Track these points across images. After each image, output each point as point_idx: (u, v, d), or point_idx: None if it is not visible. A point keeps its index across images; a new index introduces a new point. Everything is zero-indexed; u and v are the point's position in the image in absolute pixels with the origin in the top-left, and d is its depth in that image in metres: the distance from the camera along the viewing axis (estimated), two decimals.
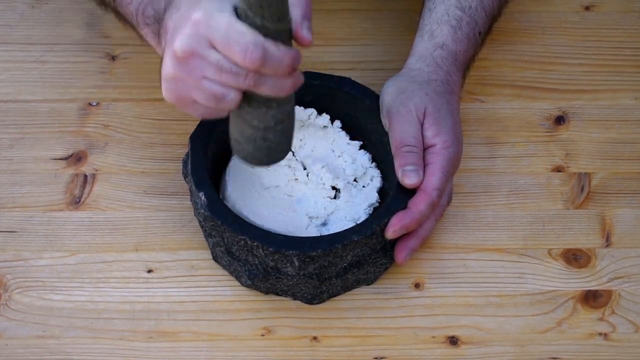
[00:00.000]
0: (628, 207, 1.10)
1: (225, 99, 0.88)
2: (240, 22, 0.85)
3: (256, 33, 0.84)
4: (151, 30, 0.97)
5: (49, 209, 1.08)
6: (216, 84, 0.88)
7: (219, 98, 0.88)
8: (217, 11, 0.85)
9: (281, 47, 0.85)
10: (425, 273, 1.05)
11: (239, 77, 0.87)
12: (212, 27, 0.85)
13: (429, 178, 1.00)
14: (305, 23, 0.87)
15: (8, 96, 1.16)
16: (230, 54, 0.85)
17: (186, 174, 1.02)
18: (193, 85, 0.89)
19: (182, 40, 0.87)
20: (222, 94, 0.88)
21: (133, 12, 0.98)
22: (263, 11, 0.84)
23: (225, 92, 0.88)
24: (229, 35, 0.85)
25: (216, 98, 0.89)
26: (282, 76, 0.87)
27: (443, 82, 1.05)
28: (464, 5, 1.08)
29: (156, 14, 0.96)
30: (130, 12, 0.99)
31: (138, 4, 0.98)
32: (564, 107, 1.16)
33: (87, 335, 1.01)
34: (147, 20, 0.97)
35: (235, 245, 0.99)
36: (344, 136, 1.08)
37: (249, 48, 0.84)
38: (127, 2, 0.99)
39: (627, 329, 1.02)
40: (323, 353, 1.01)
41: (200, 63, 0.87)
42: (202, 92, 0.89)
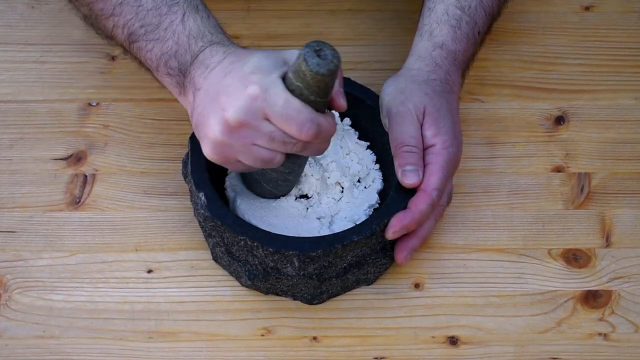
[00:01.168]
0: (628, 207, 1.10)
1: (272, 162, 0.94)
2: (296, 99, 0.90)
3: (310, 109, 0.90)
4: (174, 81, 0.99)
5: (49, 209, 1.08)
6: (265, 149, 0.93)
7: (267, 161, 0.94)
8: (272, 86, 0.90)
9: (329, 119, 0.92)
10: (425, 273, 1.05)
11: (288, 145, 0.92)
12: (270, 102, 0.90)
13: (429, 178, 1.00)
14: (341, 92, 0.94)
15: (8, 96, 1.16)
16: (287, 128, 0.91)
17: (186, 174, 1.02)
18: (241, 151, 0.93)
19: (237, 111, 0.91)
20: (270, 158, 0.94)
21: (154, 60, 0.99)
22: (319, 90, 0.90)
23: (273, 156, 0.94)
24: (286, 112, 0.90)
25: (264, 161, 0.94)
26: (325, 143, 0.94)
27: (442, 82, 1.05)
28: (463, 5, 1.08)
29: (181, 67, 0.97)
30: (150, 59, 1.00)
31: (161, 54, 0.98)
32: (564, 107, 1.16)
33: (87, 335, 1.01)
34: (169, 71, 0.98)
35: (235, 245, 0.99)
36: (352, 134, 1.08)
37: (306, 125, 0.90)
38: (147, 49, 0.99)
39: (627, 329, 1.02)
40: (323, 353, 1.01)
41: (253, 133, 0.92)
42: (251, 156, 0.94)
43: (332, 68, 0.88)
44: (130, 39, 1.00)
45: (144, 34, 0.99)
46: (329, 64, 0.88)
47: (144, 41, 0.99)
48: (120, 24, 1.00)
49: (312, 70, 0.88)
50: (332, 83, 0.91)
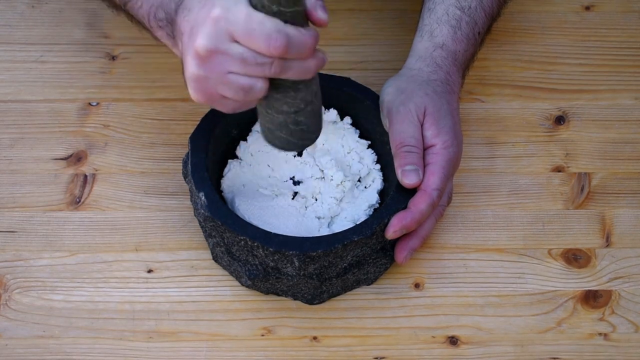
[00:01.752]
0: (628, 207, 1.10)
1: (254, 89, 0.89)
2: (258, 12, 0.85)
3: (275, 20, 0.85)
4: (165, 33, 0.97)
5: (49, 209, 1.08)
6: (242, 76, 0.88)
7: (247, 90, 0.89)
8: (233, 5, 0.86)
9: (301, 29, 0.86)
10: (425, 273, 1.05)
11: (265, 66, 0.87)
12: (231, 20, 0.86)
13: (429, 178, 1.00)
14: (319, 3, 0.87)
15: (8, 96, 1.16)
16: (253, 45, 0.85)
17: (186, 174, 1.02)
18: (219, 82, 0.89)
19: (203, 38, 0.87)
20: (249, 86, 0.88)
21: (145, 16, 0.98)
22: (282, 0, 0.84)
23: (252, 83, 0.88)
24: (249, 27, 0.85)
25: (244, 90, 0.89)
26: (306, 58, 0.88)
27: (443, 82, 1.05)
28: (463, 5, 1.08)
29: (168, 16, 0.96)
30: (142, 15, 0.99)
31: (149, 7, 0.97)
32: (564, 107, 1.16)
33: (87, 335, 1.01)
34: (159, 23, 0.97)
35: (235, 245, 0.99)
36: (353, 132, 1.08)
37: (272, 36, 0.85)
38: (138, 5, 0.99)
39: (627, 329, 1.02)
40: (323, 353, 1.01)
41: (224, 59, 0.87)
42: (230, 86, 0.89)
43: None
44: (122, 0, 0.99)
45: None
46: None
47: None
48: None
49: None
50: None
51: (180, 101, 1.15)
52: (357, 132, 1.08)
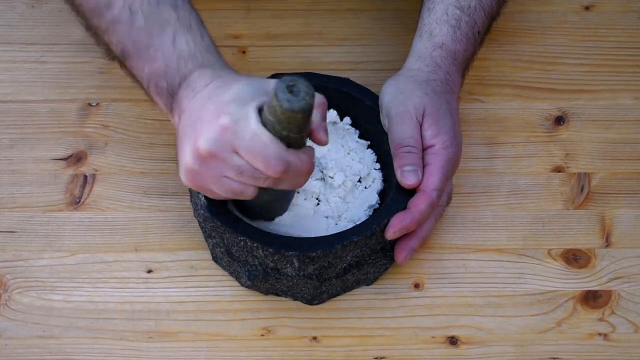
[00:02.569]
0: (628, 207, 1.10)
1: (244, 194, 0.93)
2: (266, 132, 0.88)
3: (279, 145, 0.88)
4: (163, 102, 0.98)
5: (49, 209, 1.08)
6: (236, 182, 0.91)
7: (237, 193, 0.93)
8: (243, 118, 0.88)
9: (302, 156, 0.90)
10: (425, 273, 1.05)
11: (259, 180, 0.91)
12: (238, 135, 0.88)
13: (429, 178, 1.00)
14: (322, 126, 0.92)
15: (8, 96, 1.16)
16: (253, 163, 0.89)
17: None
18: (212, 181, 0.93)
19: (207, 142, 0.89)
20: (240, 191, 0.92)
21: (145, 79, 0.98)
22: (291, 127, 0.88)
23: (243, 189, 0.92)
24: (253, 146, 0.88)
25: (234, 193, 0.93)
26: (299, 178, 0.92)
27: (442, 82, 1.05)
28: (463, 5, 1.08)
29: (169, 88, 0.96)
30: (141, 77, 0.99)
31: (150, 73, 0.97)
32: (564, 107, 1.16)
33: (87, 335, 1.01)
34: (159, 91, 0.97)
35: (235, 246, 0.99)
36: (353, 133, 1.08)
37: (271, 162, 0.88)
38: (139, 67, 0.98)
39: (627, 329, 1.02)
40: (323, 353, 1.01)
41: (222, 164, 0.90)
42: (221, 187, 0.93)
43: (304, 106, 0.86)
44: (123, 56, 0.99)
45: (136, 52, 0.98)
46: (300, 101, 0.86)
47: (136, 59, 0.98)
48: (113, 41, 0.99)
49: (282, 107, 0.86)
50: (305, 120, 0.88)
51: None
52: (357, 132, 1.08)
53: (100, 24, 0.99)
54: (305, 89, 0.86)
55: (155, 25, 0.96)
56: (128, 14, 0.97)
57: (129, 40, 0.97)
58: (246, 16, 1.23)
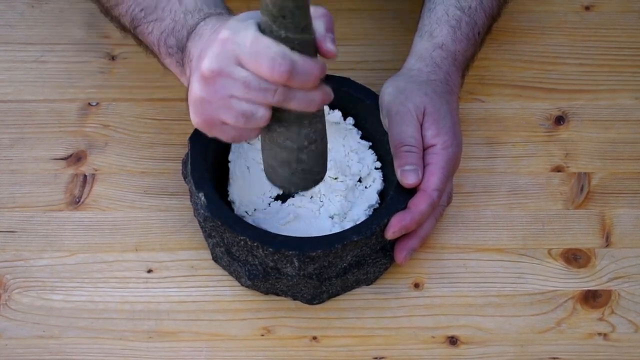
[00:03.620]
0: (628, 207, 1.10)
1: (254, 116, 0.87)
2: (266, 36, 0.84)
3: (282, 45, 0.83)
4: (174, 60, 0.97)
5: (49, 209, 1.08)
6: (244, 102, 0.87)
7: (248, 116, 0.87)
8: (242, 28, 0.85)
9: (307, 58, 0.84)
10: (425, 273, 1.05)
11: (268, 92, 0.85)
12: (238, 43, 0.84)
13: (429, 178, 1.00)
14: (328, 35, 0.86)
15: (8, 96, 1.16)
16: (258, 69, 0.84)
17: (186, 174, 1.03)
18: (221, 106, 0.88)
19: (209, 60, 0.86)
20: (251, 112, 0.87)
21: (154, 42, 0.98)
22: (286, 22, 0.83)
23: (254, 110, 0.87)
24: (255, 50, 0.84)
25: (245, 116, 0.87)
26: (310, 89, 0.86)
27: (442, 82, 1.05)
28: (463, 6, 1.08)
29: (179, 43, 0.96)
30: (151, 41, 0.98)
31: (159, 34, 0.97)
32: (564, 107, 1.16)
33: (87, 335, 1.01)
34: (169, 50, 0.97)
35: (235, 245, 0.99)
36: (355, 133, 1.08)
37: (277, 61, 0.83)
38: (148, 31, 0.98)
39: (627, 329, 1.02)
40: (323, 353, 1.01)
41: (228, 82, 0.86)
42: (231, 111, 0.87)
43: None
44: (133, 24, 0.99)
45: (144, 16, 0.98)
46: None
47: (144, 23, 0.98)
48: (123, 11, 0.99)
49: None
50: (301, 12, 0.82)
51: (180, 101, 1.15)
52: (359, 133, 1.08)
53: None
54: None
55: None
56: None
57: (136, 6, 0.98)
58: None
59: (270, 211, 1.04)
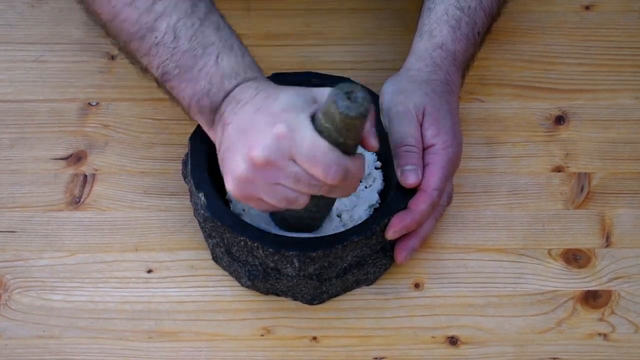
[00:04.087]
0: (628, 207, 1.10)
1: (297, 202, 0.92)
2: (323, 139, 0.88)
3: (337, 152, 0.88)
4: (205, 118, 0.98)
5: (49, 209, 1.08)
6: (290, 189, 0.91)
7: (291, 201, 0.92)
8: (300, 126, 0.89)
9: (356, 162, 0.90)
10: (425, 273, 1.05)
11: (314, 188, 0.91)
12: (296, 142, 0.89)
13: (429, 178, 1.00)
14: (372, 131, 0.92)
15: (8, 96, 1.16)
16: (312, 170, 0.89)
17: (186, 174, 1.03)
18: (265, 189, 0.92)
19: (264, 150, 0.89)
20: (295, 199, 0.92)
21: (186, 99, 0.98)
22: (349, 134, 0.88)
23: (297, 197, 0.92)
24: (313, 154, 0.88)
25: (288, 201, 0.92)
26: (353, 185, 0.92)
27: (442, 82, 1.05)
28: (463, 6, 1.08)
29: (212, 105, 0.96)
30: (182, 97, 0.98)
31: (193, 93, 0.97)
32: (564, 107, 1.16)
33: (87, 335, 1.01)
34: (201, 109, 0.97)
35: (235, 246, 0.99)
36: None
37: (332, 168, 0.88)
38: (181, 88, 0.98)
39: (627, 329, 1.02)
40: (323, 353, 1.01)
41: (278, 172, 0.90)
42: (274, 195, 0.92)
43: (363, 112, 0.86)
44: (163, 77, 0.98)
45: (178, 74, 0.97)
46: (359, 107, 0.86)
47: (178, 81, 0.97)
48: (154, 63, 0.98)
49: (342, 113, 0.86)
50: (362, 126, 0.88)
51: None
52: None
53: (141, 47, 0.98)
54: (363, 95, 0.86)
55: (199, 48, 0.96)
56: (172, 37, 0.97)
57: (171, 62, 0.97)
58: (246, 16, 1.23)
59: None
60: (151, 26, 0.97)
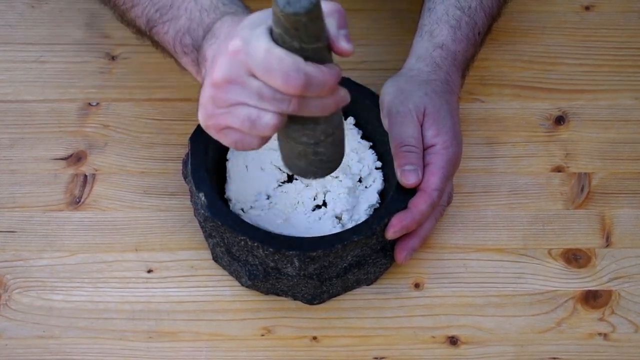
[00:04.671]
0: (628, 207, 1.10)
1: (261, 120, 0.85)
2: (279, 47, 0.81)
3: (295, 57, 0.81)
4: (190, 59, 0.95)
5: (49, 209, 1.08)
6: (252, 107, 0.85)
7: (253, 121, 0.85)
8: (254, 38, 0.82)
9: (322, 67, 0.82)
10: (425, 273, 1.05)
11: (282, 103, 0.83)
12: (250, 54, 0.82)
13: (429, 178, 1.00)
14: (342, 33, 0.84)
15: (8, 96, 1.16)
16: (271, 81, 0.82)
17: (186, 174, 1.03)
18: (228, 112, 0.86)
19: (221, 69, 0.84)
20: (256, 116, 0.85)
21: (170, 41, 0.96)
22: (300, 34, 0.80)
23: (260, 114, 0.84)
24: (268, 62, 0.81)
25: (251, 121, 0.85)
26: (325, 96, 0.84)
27: (442, 82, 1.05)
28: (463, 6, 1.08)
29: (194, 43, 0.94)
30: (167, 41, 0.97)
31: (175, 33, 0.96)
32: (564, 107, 1.16)
33: (87, 335, 1.01)
34: (185, 49, 0.95)
35: (235, 245, 0.99)
36: (355, 133, 1.08)
37: (290, 75, 0.81)
38: (164, 31, 0.97)
39: (627, 329, 1.02)
40: (323, 353, 1.01)
41: (241, 90, 0.84)
42: (237, 117, 0.85)
43: (307, 6, 0.78)
44: (148, 25, 0.98)
45: (159, 17, 0.97)
46: (299, 2, 0.78)
47: (160, 24, 0.97)
48: (139, 13, 0.98)
49: (282, 11, 0.78)
50: (314, 24, 0.80)
51: (180, 101, 1.15)
52: (359, 132, 1.08)
53: (126, 1, 0.99)
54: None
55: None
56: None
57: (152, 6, 0.97)
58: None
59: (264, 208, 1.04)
60: None
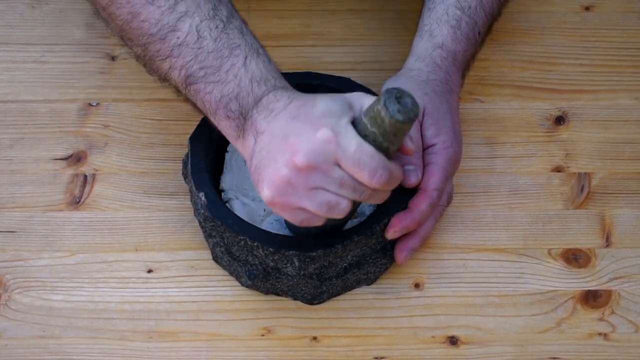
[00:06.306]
0: (628, 207, 1.10)
1: (338, 207, 0.91)
2: (368, 144, 0.88)
3: (382, 156, 0.88)
4: (234, 124, 0.95)
5: (48, 209, 1.08)
6: (332, 194, 0.90)
7: (332, 207, 0.91)
8: (344, 130, 0.88)
9: (400, 167, 0.91)
10: (425, 273, 1.05)
11: (358, 193, 0.90)
12: (342, 147, 0.87)
13: (429, 178, 1.00)
14: (409, 136, 0.92)
15: (8, 96, 1.16)
16: (357, 174, 0.88)
17: (186, 174, 1.03)
18: (306, 194, 0.90)
19: (308, 155, 0.88)
20: (336, 204, 0.90)
21: (213, 103, 0.95)
22: (394, 138, 0.88)
23: (339, 201, 0.90)
24: (359, 158, 0.88)
25: (329, 206, 0.91)
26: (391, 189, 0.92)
27: (442, 82, 1.05)
28: (463, 5, 1.08)
29: (242, 110, 0.94)
30: (208, 101, 0.95)
31: (221, 97, 0.94)
32: (564, 107, 1.16)
33: (87, 335, 1.01)
34: (229, 114, 0.94)
35: (235, 245, 0.99)
36: None
37: (378, 172, 0.88)
38: (207, 91, 0.95)
39: (627, 329, 1.02)
40: (323, 353, 1.01)
41: (322, 177, 0.89)
42: (316, 201, 0.90)
43: (412, 116, 0.86)
44: (187, 80, 0.96)
45: (204, 76, 0.95)
46: (409, 112, 0.86)
47: (203, 83, 0.95)
48: (177, 65, 0.96)
49: (392, 117, 0.86)
50: (408, 131, 0.89)
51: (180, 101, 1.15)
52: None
53: (163, 48, 0.96)
54: (412, 100, 0.87)
55: (225, 49, 0.94)
56: (196, 37, 0.94)
57: (196, 63, 0.95)
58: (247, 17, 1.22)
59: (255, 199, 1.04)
60: (173, 26, 0.95)
